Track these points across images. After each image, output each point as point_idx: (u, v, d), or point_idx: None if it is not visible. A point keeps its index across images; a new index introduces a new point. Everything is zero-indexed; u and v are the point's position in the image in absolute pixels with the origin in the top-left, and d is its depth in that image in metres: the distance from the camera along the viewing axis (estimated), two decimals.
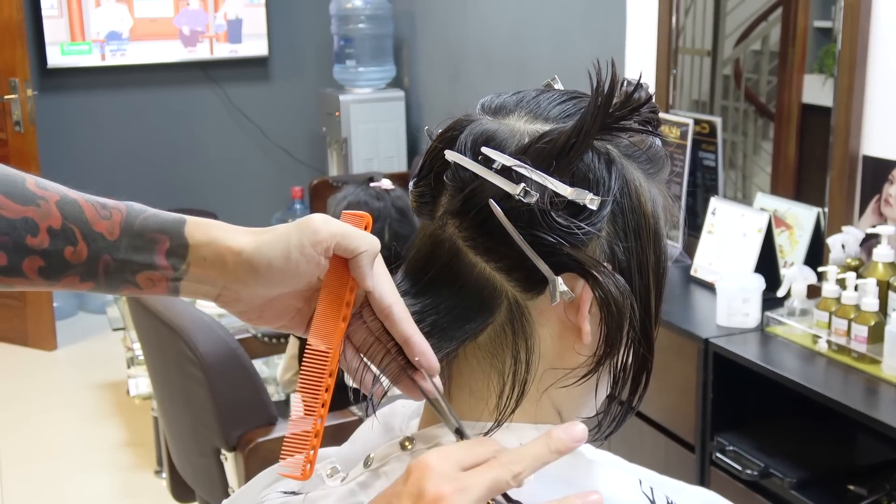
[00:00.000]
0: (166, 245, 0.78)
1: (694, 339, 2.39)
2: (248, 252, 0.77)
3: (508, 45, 4.35)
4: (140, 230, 0.78)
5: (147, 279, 0.78)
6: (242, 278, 0.78)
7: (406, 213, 2.47)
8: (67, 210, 0.77)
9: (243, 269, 0.77)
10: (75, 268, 0.77)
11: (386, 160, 5.29)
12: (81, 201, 0.78)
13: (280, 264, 0.76)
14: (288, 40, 5.78)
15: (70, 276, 0.77)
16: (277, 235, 0.77)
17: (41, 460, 3.83)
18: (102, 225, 0.77)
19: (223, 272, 0.78)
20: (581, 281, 0.76)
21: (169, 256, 0.78)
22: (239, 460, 2.29)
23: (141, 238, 0.78)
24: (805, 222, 2.60)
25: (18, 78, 4.65)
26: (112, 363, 4.50)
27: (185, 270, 0.78)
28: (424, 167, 0.82)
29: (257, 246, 0.77)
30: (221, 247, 0.78)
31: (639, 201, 0.79)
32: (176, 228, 0.79)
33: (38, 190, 0.77)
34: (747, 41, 3.17)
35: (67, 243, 0.76)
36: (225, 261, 0.78)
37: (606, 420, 0.84)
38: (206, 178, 5.79)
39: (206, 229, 0.79)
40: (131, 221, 0.78)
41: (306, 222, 0.77)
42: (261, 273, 0.77)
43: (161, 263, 0.78)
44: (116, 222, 0.78)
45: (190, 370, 2.28)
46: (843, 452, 2.32)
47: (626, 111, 0.77)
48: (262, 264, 0.77)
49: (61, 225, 0.76)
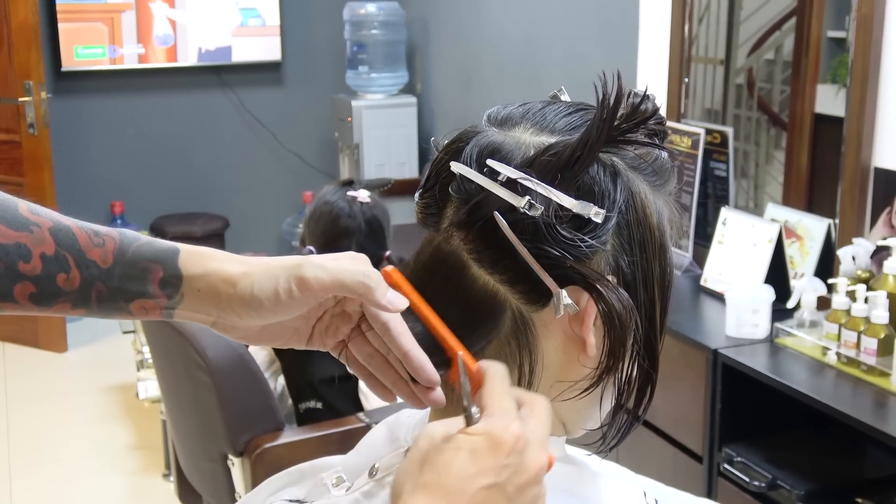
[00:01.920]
0: (160, 275, 0.78)
1: (703, 349, 2.38)
2: (241, 288, 0.78)
3: (521, 52, 4.35)
4: (133, 259, 0.78)
5: (140, 307, 0.79)
6: (237, 311, 0.78)
7: (376, 230, 2.44)
8: (61, 237, 0.77)
9: (237, 304, 0.78)
10: (67, 294, 0.77)
11: (397, 166, 5.29)
12: (75, 228, 0.78)
13: (270, 305, 0.77)
14: (301, 45, 5.79)
15: (62, 302, 0.77)
16: (267, 274, 0.78)
17: (50, 462, 3.84)
18: (96, 253, 0.77)
19: (217, 304, 0.79)
20: (585, 294, 0.76)
21: (163, 286, 0.78)
22: (246, 466, 2.29)
23: (134, 267, 0.78)
24: (816, 233, 2.59)
25: (33, 80, 4.66)
26: (122, 366, 4.51)
27: (180, 300, 0.79)
28: (430, 179, 0.82)
29: (249, 282, 0.77)
30: (215, 279, 0.78)
31: (644, 214, 0.79)
32: (170, 258, 0.79)
33: (31, 216, 0.77)
34: (760, 50, 3.16)
35: (60, 270, 0.76)
36: (219, 294, 0.78)
37: (611, 432, 0.84)
38: (219, 183, 5.80)
39: (200, 261, 0.79)
40: (124, 249, 0.78)
41: (296, 267, 0.77)
42: (252, 308, 0.78)
43: (155, 292, 0.78)
44: (110, 250, 0.78)
45: (198, 375, 2.28)
46: (852, 465, 2.31)
47: (632, 124, 0.77)
48: (255, 302, 0.77)
49: (54, 252, 0.76)
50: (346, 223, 2.38)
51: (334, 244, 2.36)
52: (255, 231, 5.79)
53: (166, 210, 5.63)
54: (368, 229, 2.42)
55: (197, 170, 5.75)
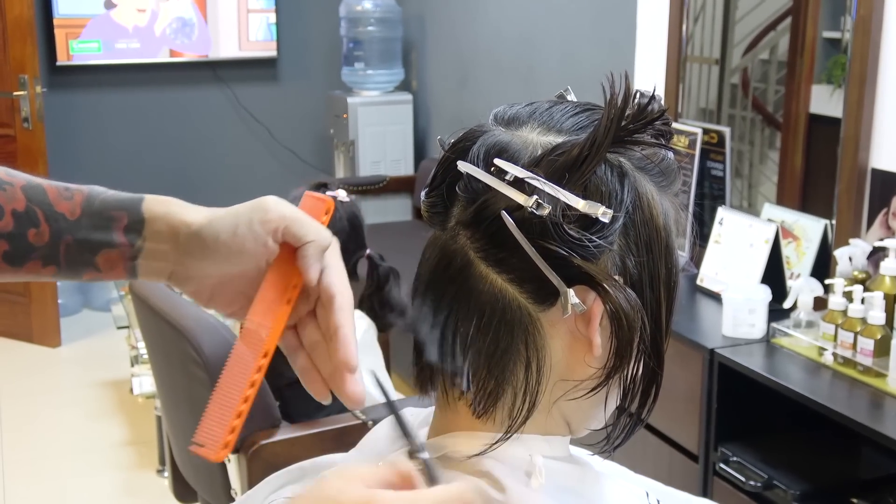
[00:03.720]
0: (124, 221, 0.79)
1: (699, 349, 2.39)
2: (198, 225, 0.79)
3: (517, 50, 4.35)
4: (100, 208, 0.79)
5: (106, 259, 0.79)
6: (191, 251, 0.79)
7: (356, 227, 2.47)
8: (31, 193, 0.78)
9: (193, 243, 0.79)
10: (38, 250, 0.78)
11: (393, 163, 5.29)
12: (45, 185, 0.79)
13: (226, 238, 0.78)
14: (297, 42, 5.78)
15: (33, 260, 0.78)
16: (229, 212, 0.79)
17: (44, 457, 3.83)
18: (64, 205, 0.78)
19: (175, 246, 0.79)
20: (592, 293, 0.76)
21: (127, 232, 0.79)
22: (242, 462, 2.29)
23: (100, 216, 0.79)
24: (812, 234, 2.59)
25: (28, 75, 4.65)
26: (116, 361, 4.51)
27: (142, 246, 0.79)
28: (437, 178, 0.81)
29: (209, 220, 0.79)
30: (175, 220, 0.79)
31: (651, 214, 0.79)
32: (134, 205, 0.80)
33: (5, 176, 0.78)
34: (756, 50, 3.17)
35: (31, 225, 0.77)
36: (177, 234, 0.79)
37: (615, 432, 0.84)
38: (213, 178, 5.79)
39: (163, 204, 0.81)
40: (92, 200, 0.79)
41: (259, 202, 0.79)
42: (208, 246, 0.78)
43: (119, 240, 0.79)
44: (78, 202, 0.79)
45: (194, 371, 2.28)
46: (848, 465, 2.31)
47: (640, 124, 0.77)
48: (210, 238, 0.78)
49: (25, 207, 0.77)
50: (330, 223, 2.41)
51: None
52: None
53: None
54: (350, 228, 2.46)
55: (191, 165, 5.75)
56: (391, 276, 2.47)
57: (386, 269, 2.48)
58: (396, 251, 2.78)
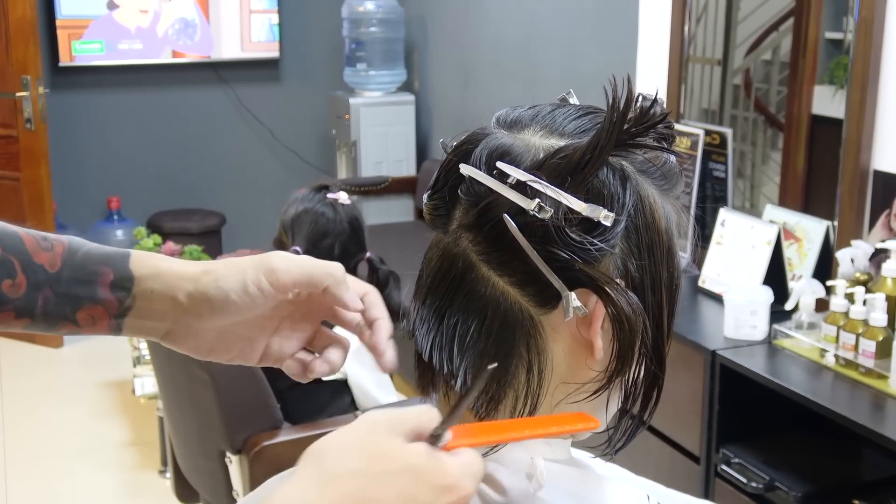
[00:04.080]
0: (110, 277, 0.75)
1: (701, 350, 2.39)
2: (204, 283, 0.76)
3: (519, 51, 4.35)
4: (83, 262, 0.75)
5: (88, 315, 0.76)
6: (197, 311, 0.76)
7: (357, 230, 2.49)
8: (6, 241, 0.73)
9: (198, 302, 0.76)
10: (12, 302, 0.73)
11: (395, 164, 5.29)
12: (21, 233, 0.75)
13: (237, 297, 0.76)
14: (299, 43, 5.79)
15: (6, 311, 0.74)
16: (232, 268, 0.77)
17: (46, 458, 3.83)
18: (44, 256, 0.74)
19: (174, 305, 0.76)
20: (594, 297, 0.76)
21: (113, 289, 0.75)
22: (244, 464, 2.29)
23: (83, 270, 0.75)
24: (814, 235, 2.59)
25: (30, 75, 4.66)
26: (118, 362, 4.51)
27: (131, 304, 0.76)
28: (439, 180, 0.82)
29: (213, 278, 0.76)
30: (171, 278, 0.76)
31: (653, 218, 0.79)
32: (120, 260, 0.76)
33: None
34: (758, 51, 3.17)
35: (6, 276, 0.73)
36: (175, 293, 0.76)
37: (617, 434, 0.84)
38: (215, 179, 5.80)
39: (152, 262, 0.77)
40: (73, 252, 0.75)
41: (264, 259, 0.77)
42: (216, 305, 0.76)
43: (105, 297, 0.75)
44: (58, 254, 0.75)
45: (196, 373, 2.28)
46: (849, 467, 2.31)
47: (642, 128, 0.77)
48: (219, 298, 0.76)
49: (0, 256, 0.73)
50: (332, 226, 2.44)
51: (320, 245, 2.42)
52: (251, 228, 5.79)
53: (163, 206, 5.63)
54: (351, 230, 2.47)
55: (194, 166, 5.75)
56: (391, 280, 2.47)
57: (386, 273, 2.48)
58: (398, 252, 2.79)
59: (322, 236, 2.43)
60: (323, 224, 2.44)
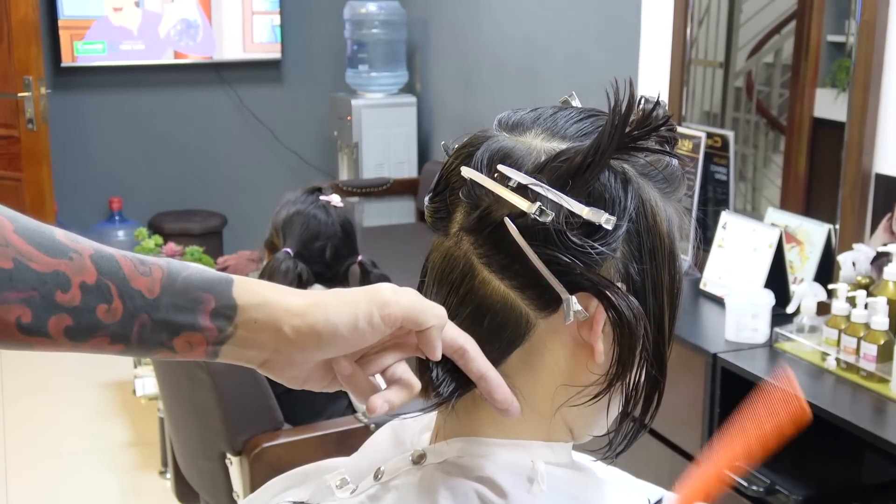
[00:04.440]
0: (211, 305, 0.72)
1: (702, 353, 2.38)
2: (312, 316, 0.73)
3: (522, 53, 4.35)
4: (183, 288, 0.72)
5: (185, 342, 0.73)
6: (301, 344, 0.74)
7: (349, 233, 2.49)
8: (103, 265, 0.70)
9: (304, 335, 0.73)
10: (107, 328, 0.70)
11: (397, 165, 5.29)
12: (118, 256, 0.71)
13: (346, 332, 0.73)
14: (301, 44, 5.79)
15: (100, 336, 0.70)
16: (344, 301, 0.74)
17: (46, 458, 3.84)
18: (142, 281, 0.70)
19: (277, 336, 0.74)
20: (595, 300, 0.76)
21: (214, 317, 0.72)
22: (244, 465, 2.29)
23: (184, 296, 0.72)
24: (816, 238, 2.59)
25: (32, 76, 4.66)
26: (119, 363, 4.50)
27: (233, 333, 0.73)
28: (440, 183, 0.81)
29: (322, 311, 0.73)
30: (277, 309, 0.73)
31: (654, 221, 0.78)
32: (223, 287, 0.73)
33: (70, 242, 0.70)
34: (760, 54, 3.17)
35: (101, 300, 0.69)
36: (280, 324, 0.73)
37: (618, 438, 0.84)
38: (217, 180, 5.80)
39: (255, 289, 0.74)
40: (173, 278, 0.72)
41: (376, 292, 0.75)
42: (323, 339, 0.74)
43: (205, 325, 0.72)
44: (157, 279, 0.71)
45: (197, 374, 2.28)
46: (850, 471, 2.31)
47: (644, 131, 0.77)
48: (327, 330, 0.73)
49: (96, 280, 0.69)
50: (324, 228, 2.44)
51: (311, 247, 2.42)
52: (252, 229, 5.78)
53: (165, 207, 5.63)
54: (343, 233, 2.47)
55: (196, 167, 5.75)
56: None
57: (377, 276, 2.48)
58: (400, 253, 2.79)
59: (314, 238, 2.43)
60: (315, 226, 2.43)
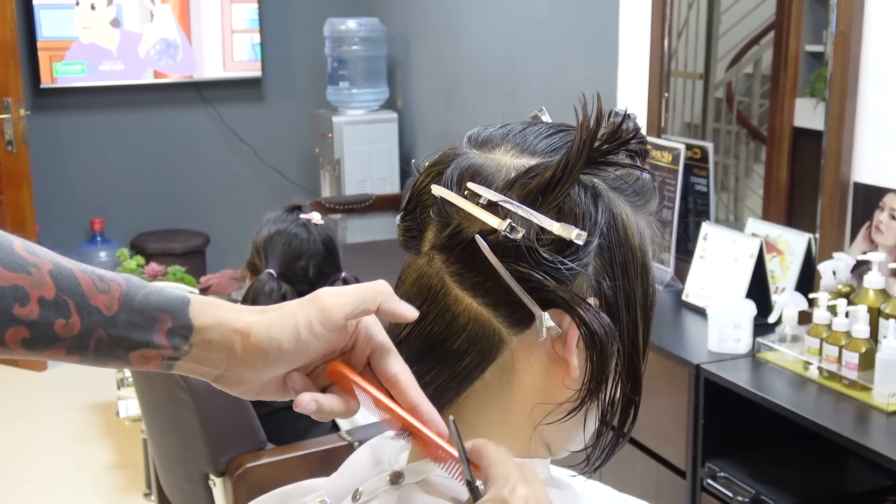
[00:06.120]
0: (168, 325, 0.74)
1: (685, 364, 2.38)
2: (256, 334, 0.74)
3: (502, 68, 4.35)
4: (140, 307, 0.74)
5: (141, 356, 0.75)
6: (251, 363, 0.75)
7: (331, 250, 2.47)
8: (62, 280, 0.72)
9: (251, 354, 0.75)
10: (64, 341, 0.72)
11: (379, 182, 5.29)
12: (77, 272, 0.73)
13: (289, 346, 0.74)
14: (281, 62, 5.79)
15: (56, 348, 0.72)
16: (284, 315, 0.75)
17: (29, 480, 3.81)
18: (100, 299, 0.72)
19: (229, 355, 0.75)
20: (568, 316, 0.76)
21: (170, 336, 0.74)
22: (227, 486, 2.27)
23: (141, 315, 0.74)
24: (796, 248, 2.60)
25: (11, 98, 4.64)
26: (102, 384, 4.48)
27: (188, 351, 0.75)
28: (411, 202, 0.81)
29: (265, 328, 0.74)
30: (228, 329, 0.75)
31: (626, 235, 0.78)
32: (179, 308, 0.75)
33: (28, 256, 0.71)
34: (739, 64, 3.18)
35: (59, 315, 0.71)
36: (232, 344, 0.75)
37: (595, 453, 0.84)
38: (199, 199, 5.78)
39: (211, 310, 0.75)
40: (131, 297, 0.74)
41: (313, 300, 0.75)
42: (270, 356, 0.75)
43: (161, 342, 0.74)
44: (115, 297, 0.73)
45: (178, 394, 2.27)
46: (835, 479, 2.31)
47: (613, 145, 0.77)
48: (273, 348, 0.74)
49: (54, 296, 0.71)
50: (306, 247, 2.42)
51: (294, 267, 2.39)
52: (235, 248, 5.76)
53: (147, 227, 5.61)
54: (325, 251, 2.45)
55: (177, 186, 5.74)
56: None
57: None
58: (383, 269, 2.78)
59: (296, 258, 2.40)
60: (297, 245, 2.41)
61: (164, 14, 5.45)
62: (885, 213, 2.42)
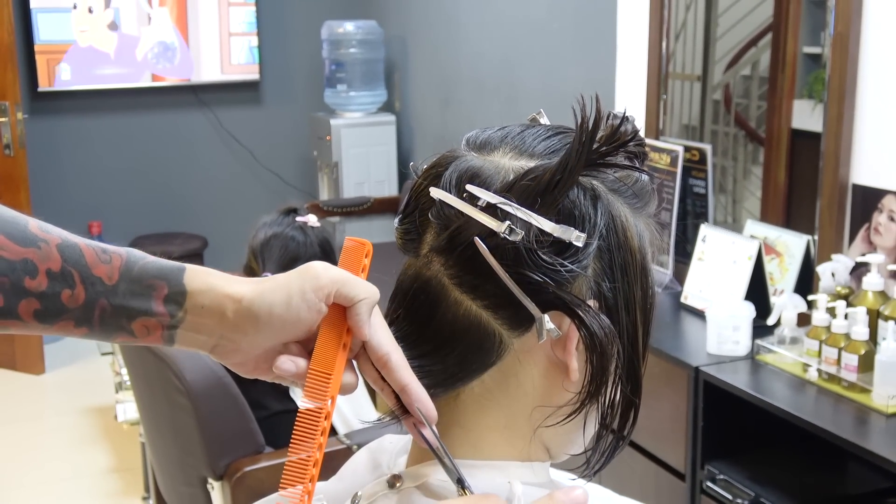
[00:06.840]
0: (164, 291, 0.77)
1: (684, 366, 2.38)
2: (249, 299, 0.76)
3: (499, 70, 4.35)
4: (139, 276, 0.77)
5: (142, 326, 0.77)
6: (242, 327, 0.77)
7: (328, 252, 2.47)
8: (68, 253, 0.75)
9: (244, 318, 0.76)
10: (71, 312, 0.75)
11: (377, 184, 5.28)
12: (82, 245, 0.76)
13: (281, 311, 0.76)
14: (279, 65, 5.78)
15: (65, 320, 0.76)
16: (278, 283, 0.77)
17: (27, 485, 3.80)
18: (102, 269, 0.76)
19: (221, 321, 0.77)
20: (567, 318, 0.75)
21: (166, 303, 0.77)
22: (226, 489, 2.27)
23: (139, 283, 0.77)
24: (795, 250, 2.59)
25: (9, 101, 4.64)
26: (100, 388, 4.48)
27: (182, 318, 0.77)
28: (409, 204, 0.81)
29: (258, 293, 0.76)
30: (220, 294, 0.77)
31: (625, 237, 0.78)
32: (175, 275, 0.77)
33: (39, 232, 0.75)
34: (737, 66, 3.18)
35: (65, 286, 0.75)
36: (224, 309, 0.77)
37: (595, 456, 0.83)
38: (197, 202, 5.78)
39: (204, 277, 0.78)
40: (131, 266, 0.77)
41: (307, 269, 0.77)
42: (261, 321, 0.76)
43: (158, 310, 0.77)
44: (116, 267, 0.77)
45: (177, 398, 2.27)
46: (834, 481, 2.31)
47: (612, 147, 0.76)
48: (263, 311, 0.76)
49: (60, 268, 0.75)
50: (303, 249, 2.42)
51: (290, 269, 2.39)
52: (234, 250, 5.75)
53: (145, 230, 5.61)
54: (322, 253, 2.45)
55: (175, 189, 5.73)
56: None
57: None
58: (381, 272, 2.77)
59: (293, 261, 2.40)
60: (293, 248, 2.41)
61: (161, 17, 5.45)
62: (883, 214, 2.41)
